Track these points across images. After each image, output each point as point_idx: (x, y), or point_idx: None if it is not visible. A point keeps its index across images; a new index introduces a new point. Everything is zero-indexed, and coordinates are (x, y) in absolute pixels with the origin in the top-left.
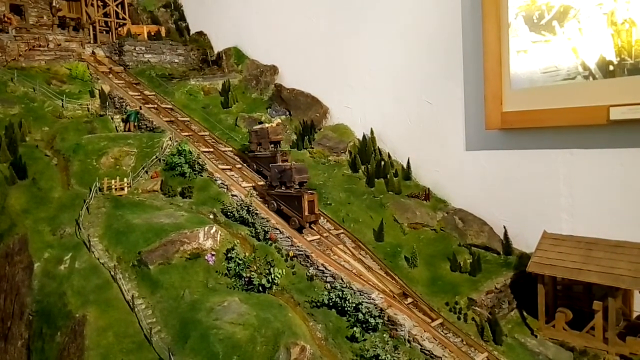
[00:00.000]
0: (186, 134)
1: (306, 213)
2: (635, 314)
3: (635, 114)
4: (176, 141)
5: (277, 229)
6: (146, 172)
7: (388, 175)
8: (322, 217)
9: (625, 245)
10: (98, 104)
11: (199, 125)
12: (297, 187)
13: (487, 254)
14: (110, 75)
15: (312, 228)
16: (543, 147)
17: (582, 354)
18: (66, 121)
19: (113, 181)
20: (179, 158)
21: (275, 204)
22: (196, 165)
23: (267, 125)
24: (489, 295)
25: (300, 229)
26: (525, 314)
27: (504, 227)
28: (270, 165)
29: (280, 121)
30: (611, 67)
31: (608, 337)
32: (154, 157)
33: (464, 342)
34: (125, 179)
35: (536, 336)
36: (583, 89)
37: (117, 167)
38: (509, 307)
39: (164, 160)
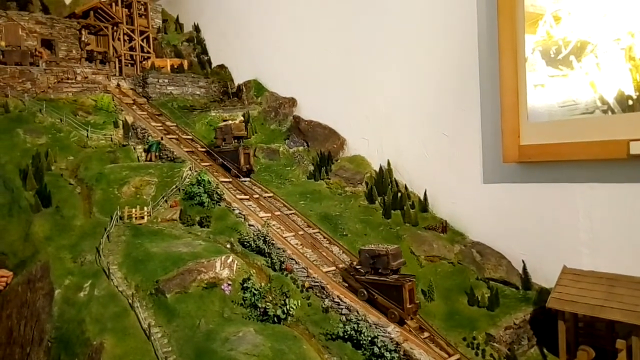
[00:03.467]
0: (206, 164)
1: (408, 305)
2: None
3: None
4: (196, 171)
5: (292, 259)
6: (166, 201)
7: (405, 207)
8: (337, 248)
9: None
10: (121, 135)
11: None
12: (394, 274)
13: (506, 288)
14: (134, 107)
15: (411, 318)
16: (562, 180)
17: None
18: (90, 151)
19: (134, 210)
20: (198, 188)
21: (366, 293)
22: (215, 195)
23: (230, 122)
24: (508, 331)
25: (401, 322)
26: (545, 351)
27: (523, 261)
28: (359, 249)
29: (242, 119)
30: (630, 102)
31: None
32: (174, 186)
33: None
34: (145, 208)
35: None
36: (602, 123)
37: (138, 196)
38: (528, 343)
39: (183, 189)
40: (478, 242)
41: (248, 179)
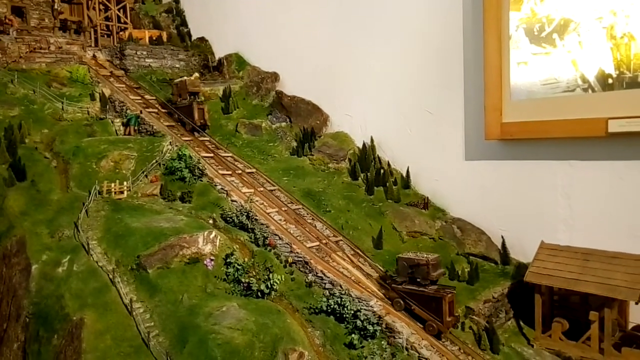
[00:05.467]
0: (187, 138)
1: (447, 318)
2: (630, 325)
3: (633, 127)
4: (176, 146)
5: (276, 234)
6: (146, 176)
7: (387, 184)
8: (321, 224)
9: (622, 257)
10: (98, 108)
11: (201, 131)
12: (433, 284)
13: (485, 263)
14: (111, 79)
15: (451, 333)
16: (542, 158)
17: None
18: (66, 124)
19: (112, 184)
20: (179, 162)
21: (402, 303)
22: (196, 170)
23: (185, 78)
24: (487, 305)
25: (438, 335)
26: (522, 323)
27: (502, 236)
28: (397, 257)
29: (198, 75)
30: (610, 80)
31: (604, 347)
32: (154, 161)
33: (462, 351)
34: (124, 183)
35: (532, 346)
36: (582, 102)
37: (117, 170)
38: (506, 316)
39: (164, 164)
40: (459, 218)
41: (206, 136)
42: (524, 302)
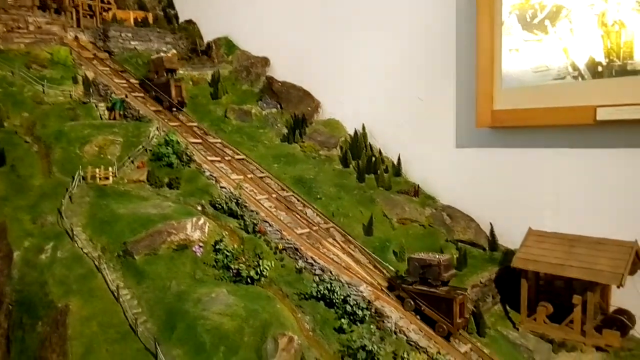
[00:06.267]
0: (174, 124)
1: (458, 319)
2: (611, 308)
3: (621, 115)
4: (163, 131)
5: (266, 221)
6: (132, 161)
7: (378, 171)
8: (311, 211)
9: (606, 242)
10: (81, 91)
11: (187, 116)
12: (444, 285)
13: (474, 249)
14: (95, 62)
15: (461, 335)
16: (532, 145)
17: (560, 345)
18: (47, 107)
19: (97, 170)
20: (167, 148)
21: (412, 303)
22: (184, 156)
23: (162, 54)
24: (474, 289)
25: (448, 336)
26: (508, 307)
27: (491, 223)
28: (409, 257)
29: (175, 52)
30: (600, 68)
31: (585, 329)
32: (141, 146)
33: None
34: (110, 168)
35: (518, 329)
36: (572, 89)
37: (102, 156)
38: (492, 301)
39: (150, 150)
40: (448, 206)
41: (185, 114)
42: (511, 287)
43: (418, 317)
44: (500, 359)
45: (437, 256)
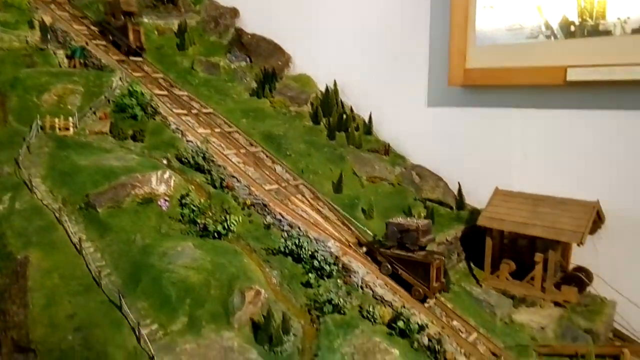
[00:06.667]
0: (138, 74)
1: (434, 283)
2: (571, 267)
3: (591, 76)
4: (127, 82)
5: (234, 176)
6: (94, 112)
7: (349, 129)
8: (280, 167)
9: (570, 202)
10: (38, 37)
11: (152, 67)
12: (422, 250)
13: (441, 208)
14: (52, 6)
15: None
16: (502, 105)
17: (521, 301)
18: (2, 53)
19: (57, 120)
20: (130, 99)
21: (389, 267)
22: (149, 108)
23: None
24: (440, 247)
25: (424, 300)
26: (472, 265)
27: (459, 183)
28: (387, 222)
29: None
30: (572, 28)
31: (545, 286)
32: (103, 97)
33: None
34: (70, 119)
35: (481, 285)
36: (544, 49)
37: (61, 105)
38: (457, 258)
39: (113, 101)
40: (418, 165)
41: (140, 58)
42: (476, 245)
43: (394, 281)
44: (462, 313)
45: (416, 221)
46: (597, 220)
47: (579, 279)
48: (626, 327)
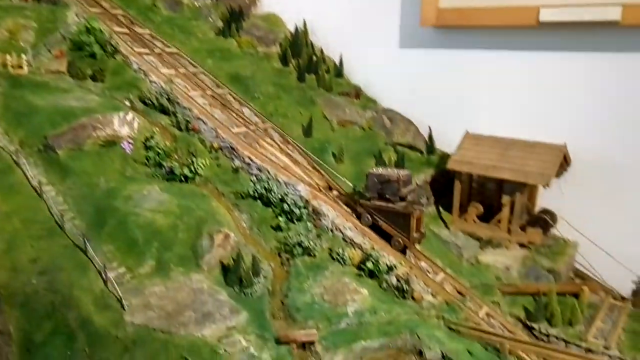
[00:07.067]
0: (96, 10)
1: (414, 233)
2: (537, 209)
3: (564, 16)
4: (83, 17)
5: (200, 119)
6: (49, 50)
7: (320, 71)
8: (248, 110)
9: (538, 146)
10: None
11: (110, 2)
12: (402, 201)
13: (411, 152)
14: None
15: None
16: (474, 47)
17: (487, 242)
18: None
19: (8, 57)
20: (88, 37)
21: (370, 218)
22: (108, 47)
23: None
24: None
25: (404, 250)
26: (441, 209)
27: (429, 127)
28: (367, 173)
29: None
30: None
31: (511, 228)
32: (58, 33)
33: None
34: (23, 56)
35: (449, 228)
36: None
37: (13, 42)
38: (427, 202)
39: (70, 38)
40: (389, 109)
41: None
42: (445, 189)
43: (374, 232)
44: (430, 254)
45: (397, 172)
46: (564, 163)
47: (544, 221)
48: (586, 267)
